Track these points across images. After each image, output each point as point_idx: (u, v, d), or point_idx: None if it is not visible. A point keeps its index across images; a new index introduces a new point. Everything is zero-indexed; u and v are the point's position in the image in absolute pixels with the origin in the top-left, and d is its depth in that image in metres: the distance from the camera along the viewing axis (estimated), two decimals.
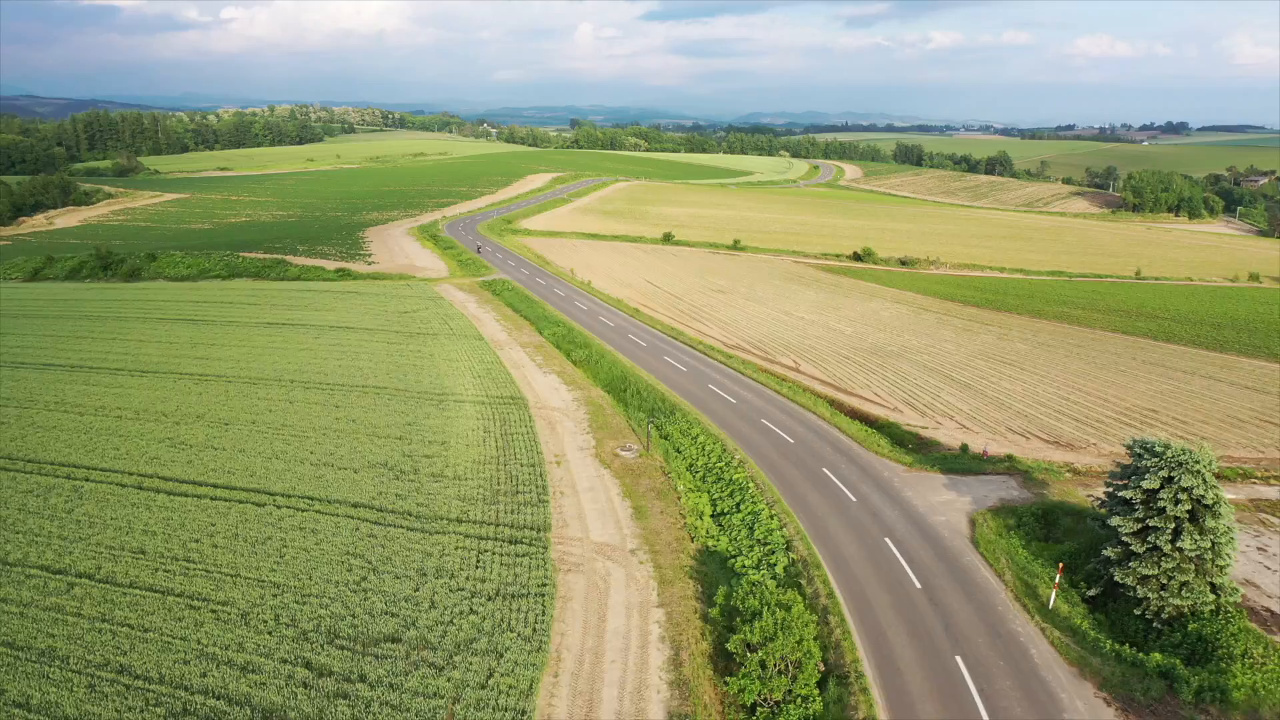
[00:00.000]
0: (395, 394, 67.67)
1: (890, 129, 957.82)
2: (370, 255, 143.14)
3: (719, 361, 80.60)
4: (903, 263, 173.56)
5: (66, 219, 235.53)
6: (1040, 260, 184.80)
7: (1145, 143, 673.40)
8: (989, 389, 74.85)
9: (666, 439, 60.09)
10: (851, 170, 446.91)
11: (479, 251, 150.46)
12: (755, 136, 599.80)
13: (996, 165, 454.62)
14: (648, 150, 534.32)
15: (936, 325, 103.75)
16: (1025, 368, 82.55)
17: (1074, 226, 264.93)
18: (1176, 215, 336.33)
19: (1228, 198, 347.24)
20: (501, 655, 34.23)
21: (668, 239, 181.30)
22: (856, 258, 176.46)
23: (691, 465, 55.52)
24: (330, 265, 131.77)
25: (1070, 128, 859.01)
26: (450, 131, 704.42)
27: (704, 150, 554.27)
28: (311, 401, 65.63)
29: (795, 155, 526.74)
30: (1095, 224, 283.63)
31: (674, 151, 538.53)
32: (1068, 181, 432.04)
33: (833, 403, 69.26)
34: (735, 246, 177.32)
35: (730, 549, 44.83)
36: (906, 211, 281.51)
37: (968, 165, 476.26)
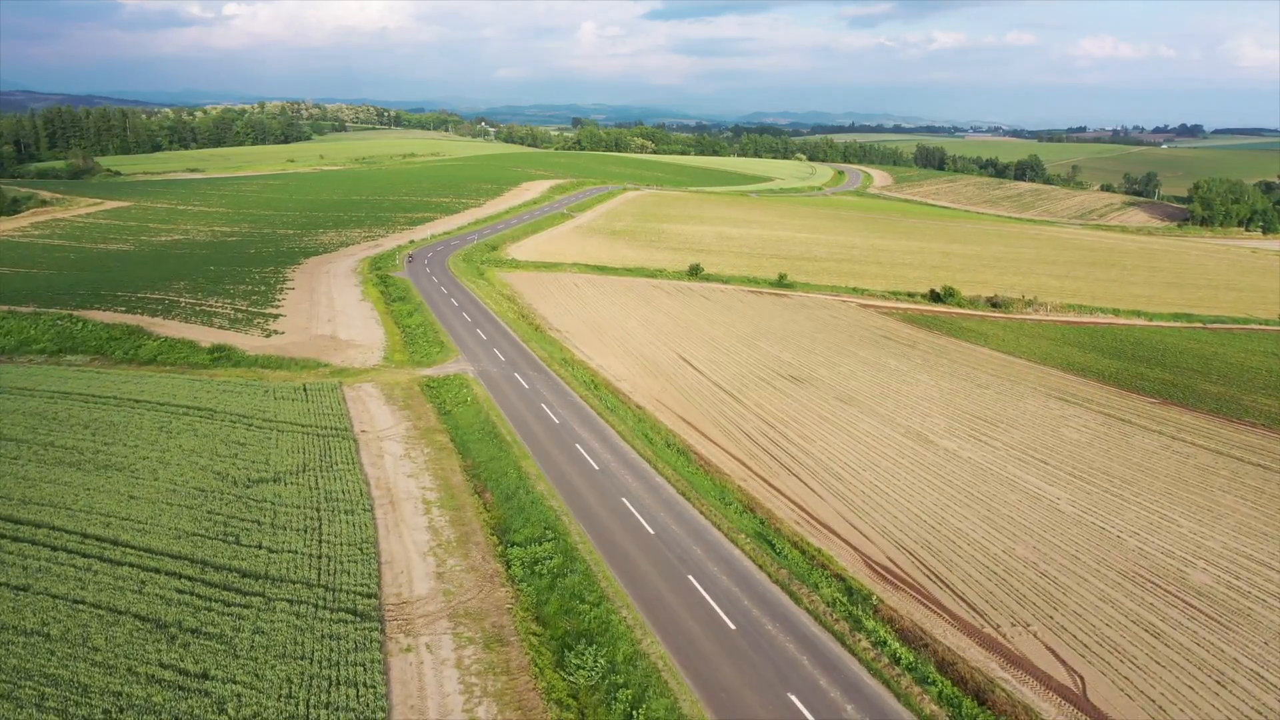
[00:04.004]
0: None
1: (898, 129, 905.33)
2: (279, 314, 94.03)
3: None
4: (993, 304, 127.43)
5: None
6: (1151, 296, 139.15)
7: (1164, 145, 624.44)
8: None
9: None
10: (879, 176, 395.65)
11: (437, 303, 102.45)
12: (766, 137, 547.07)
13: (1028, 170, 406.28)
14: (654, 152, 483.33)
15: (1187, 468, 56.28)
16: None
17: (1163, 248, 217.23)
18: (1248, 229, 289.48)
19: None
20: None
21: (695, 273, 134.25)
22: (935, 298, 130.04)
23: None
24: (209, 337, 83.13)
25: (1082, 129, 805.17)
26: (447, 130, 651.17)
27: (714, 152, 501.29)
28: None
29: (812, 158, 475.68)
30: (1177, 243, 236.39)
31: (682, 154, 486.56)
32: (1106, 188, 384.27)
33: None
34: (781, 284, 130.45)
35: None
36: (964, 229, 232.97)
37: (995, 170, 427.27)
